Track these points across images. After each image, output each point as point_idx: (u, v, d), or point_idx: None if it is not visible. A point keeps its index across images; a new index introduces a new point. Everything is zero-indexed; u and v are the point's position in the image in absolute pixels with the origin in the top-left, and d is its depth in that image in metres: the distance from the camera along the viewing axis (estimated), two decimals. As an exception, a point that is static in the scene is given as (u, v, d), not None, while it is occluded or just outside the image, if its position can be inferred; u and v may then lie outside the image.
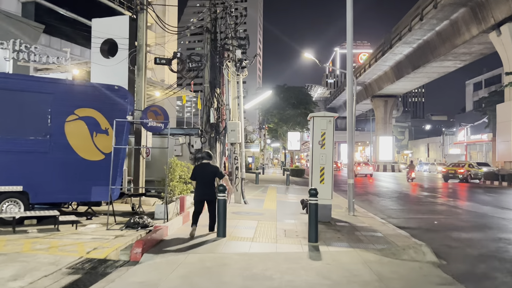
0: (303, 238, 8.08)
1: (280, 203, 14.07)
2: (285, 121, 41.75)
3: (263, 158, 59.72)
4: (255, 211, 11.78)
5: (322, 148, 10.53)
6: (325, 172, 10.50)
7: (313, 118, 10.64)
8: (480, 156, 63.92)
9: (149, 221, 8.68)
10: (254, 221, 9.96)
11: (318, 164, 10.50)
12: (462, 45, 32.53)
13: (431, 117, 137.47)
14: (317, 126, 10.55)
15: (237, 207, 12.65)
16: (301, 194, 17.75)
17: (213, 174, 8.15)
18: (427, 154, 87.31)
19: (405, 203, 16.83)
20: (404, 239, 8.45)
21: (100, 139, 9.24)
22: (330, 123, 10.54)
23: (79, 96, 9.02)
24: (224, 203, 7.84)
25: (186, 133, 14.78)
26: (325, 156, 10.50)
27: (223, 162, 14.43)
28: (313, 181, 10.52)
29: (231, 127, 13.17)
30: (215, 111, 14.00)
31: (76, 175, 8.99)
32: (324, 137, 10.55)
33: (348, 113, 12.16)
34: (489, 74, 67.16)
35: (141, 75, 12.64)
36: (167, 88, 15.35)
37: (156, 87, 25.19)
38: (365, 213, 12.48)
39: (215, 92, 14.00)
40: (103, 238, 7.53)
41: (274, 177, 32.77)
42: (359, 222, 10.46)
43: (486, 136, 58.84)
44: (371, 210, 13.94)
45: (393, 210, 14.52)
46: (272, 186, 22.01)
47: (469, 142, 67.61)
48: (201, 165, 8.29)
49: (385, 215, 13.12)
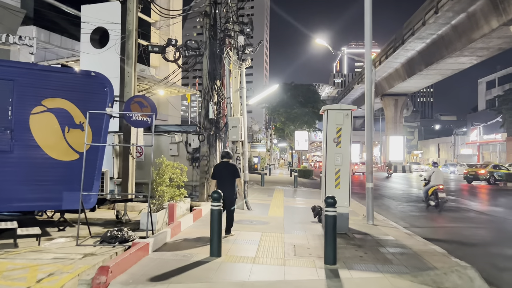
0: (317, 258, 6.51)
1: (288, 209, 12.50)
2: (292, 120, 40.15)
3: (270, 159, 58.11)
4: (259, 219, 10.23)
5: (338, 146, 8.96)
6: (341, 175, 8.92)
7: (327, 111, 9.07)
8: (493, 156, 61.95)
9: (130, 234, 7.15)
10: (258, 233, 8.41)
11: (333, 165, 8.93)
12: (480, 39, 30.72)
13: (440, 117, 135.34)
14: (331, 121, 8.98)
15: (239, 214, 11.09)
16: (310, 198, 16.16)
17: (232, 174, 8.03)
18: (437, 154, 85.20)
19: (425, 209, 15.18)
20: (442, 258, 6.85)
21: (74, 135, 7.72)
22: (347, 118, 8.97)
23: (48, 84, 7.50)
24: (218, 214, 6.30)
25: (183, 130, 13.26)
26: (341, 156, 8.92)
27: (223, 162, 12.90)
28: (327, 185, 8.95)
29: (232, 123, 11.63)
30: (215, 105, 12.47)
31: (43, 179, 7.48)
32: (340, 133, 8.97)
33: (367, 107, 10.56)
34: (503, 72, 64.93)
35: (131, 64, 11.12)
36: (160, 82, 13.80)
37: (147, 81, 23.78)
38: (385, 222, 10.88)
39: (215, 84, 12.47)
40: (67, 258, 6.02)
41: (281, 178, 31.18)
42: (381, 234, 8.86)
43: (500, 136, 56.89)
44: (389, 216, 12.35)
45: (415, 217, 12.90)
46: (279, 189, 20.44)
47: (482, 142, 65.68)
48: (221, 164, 8.25)
49: (407, 223, 11.53)
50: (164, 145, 13.27)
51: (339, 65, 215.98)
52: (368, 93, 10.59)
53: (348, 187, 8.93)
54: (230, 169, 8.08)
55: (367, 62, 10.75)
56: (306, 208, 12.73)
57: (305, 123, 40.10)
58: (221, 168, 8.13)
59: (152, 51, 11.70)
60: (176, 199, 9.18)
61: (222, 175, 7.96)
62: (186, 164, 12.92)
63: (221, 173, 8.00)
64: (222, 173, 7.99)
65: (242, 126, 11.69)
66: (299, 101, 39.62)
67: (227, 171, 8.02)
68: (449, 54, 36.20)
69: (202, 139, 12.15)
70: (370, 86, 10.65)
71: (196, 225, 9.14)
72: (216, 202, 6.24)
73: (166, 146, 13.21)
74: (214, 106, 12.44)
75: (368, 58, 10.75)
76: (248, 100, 23.33)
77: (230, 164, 8.27)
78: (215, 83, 12.45)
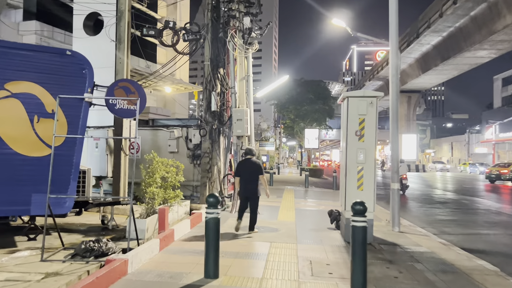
0: (340, 279, 5.15)
1: (300, 212, 11.13)
2: (302, 117, 38.75)
3: (279, 157, 56.70)
4: (267, 225, 8.87)
5: (361, 140, 7.57)
6: (364, 174, 7.54)
7: (348, 99, 7.68)
8: (509, 155, 59.89)
9: (110, 246, 5.84)
10: (266, 244, 7.05)
11: (355, 162, 7.55)
12: (502, 30, 28.95)
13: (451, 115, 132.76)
14: (353, 111, 7.60)
15: (245, 218, 9.76)
16: (323, 199, 14.77)
17: (257, 171, 7.89)
18: (450, 153, 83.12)
19: (452, 211, 13.71)
20: (497, 279, 5.45)
21: (45, 126, 6.43)
22: (371, 106, 7.58)
23: (11, 64, 6.20)
24: (214, 225, 4.94)
25: (183, 125, 11.95)
26: (364, 152, 7.54)
27: (228, 160, 11.57)
28: (348, 186, 7.56)
29: (237, 115, 10.28)
30: (218, 96, 11.14)
31: (7, 179, 6.20)
32: (364, 125, 7.59)
33: (392, 97, 9.13)
34: (520, 68, 62.88)
35: (123, 49, 9.83)
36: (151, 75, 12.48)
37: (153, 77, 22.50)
38: (412, 228, 9.47)
39: (218, 72, 11.14)
40: (22, 280, 4.72)
41: (291, 178, 29.77)
42: (412, 244, 7.46)
43: (517, 134, 54.93)
44: (414, 220, 10.94)
45: (444, 222, 11.47)
46: (289, 189, 19.05)
47: (497, 141, 63.57)
48: (245, 161, 8.10)
49: (436, 228, 10.12)
50: (162, 141, 11.98)
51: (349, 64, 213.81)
52: (393, 81, 9.16)
53: (373, 189, 7.54)
54: (254, 166, 7.93)
55: (392, 45, 9.33)
56: (320, 212, 11.36)
57: (315, 121, 38.74)
58: (245, 165, 7.99)
59: (148, 35, 10.39)
60: (171, 201, 7.87)
61: (246, 172, 7.86)
62: (186, 162, 11.63)
63: (245, 170, 7.89)
64: (246, 170, 7.88)
65: (248, 119, 10.34)
66: (309, 98, 38.23)
67: (251, 168, 7.89)
68: (467, 48, 34.44)
69: (203, 134, 10.82)
70: (395, 72, 9.23)
71: (193, 233, 7.81)
72: (212, 208, 4.89)
73: (164, 142, 11.92)
74: (217, 97, 11.10)
75: (393, 40, 9.32)
76: (255, 92, 21.98)
77: (254, 161, 8.11)
78: (218, 71, 11.12)
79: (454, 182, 32.08)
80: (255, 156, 8.29)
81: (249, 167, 7.93)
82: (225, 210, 10.81)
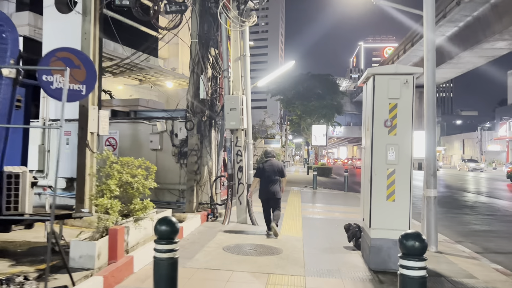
0: None
1: (308, 223, 9.16)
2: (309, 113, 36.80)
3: (284, 155, 54.70)
4: (266, 243, 6.90)
5: (392, 133, 5.58)
6: (396, 178, 5.55)
7: (374, 78, 5.67)
8: (525, 153, 57.55)
9: (29, 283, 3.92)
10: (262, 276, 5.07)
11: (383, 163, 5.57)
12: (527, 17, 26.77)
13: (460, 112, 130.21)
14: (381, 93, 5.61)
15: (238, 232, 7.82)
16: (334, 204, 12.78)
17: (279, 172, 7.72)
18: (462, 150, 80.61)
19: (486, 218, 11.68)
20: None
21: None
22: (407, 87, 5.58)
23: None
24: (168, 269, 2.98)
25: (168, 117, 10.00)
26: (397, 149, 5.55)
27: (221, 159, 9.60)
28: (374, 195, 5.58)
29: (230, 104, 8.31)
30: (208, 82, 9.19)
31: None
32: (396, 112, 5.59)
33: (428, 80, 7.11)
34: (536, 62, 60.29)
35: (89, 21, 7.85)
36: (123, 60, 10.41)
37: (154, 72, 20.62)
38: (451, 245, 7.49)
39: (209, 53, 9.18)
40: None
41: (297, 177, 27.77)
42: (462, 275, 5.46)
43: (535, 131, 52.55)
44: (446, 231, 8.99)
45: (482, 234, 9.49)
46: (295, 190, 17.07)
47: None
48: (267, 162, 7.86)
49: (477, 244, 8.20)
50: (144, 136, 10.05)
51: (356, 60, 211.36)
52: (429, 59, 7.15)
53: (408, 199, 5.55)
54: (276, 167, 7.76)
55: (427, 16, 7.32)
56: (332, 221, 9.40)
57: (323, 117, 36.81)
58: (267, 166, 7.76)
59: (121, 5, 8.42)
60: (138, 214, 5.92)
61: (267, 174, 7.66)
62: (172, 161, 9.70)
63: (267, 171, 7.68)
64: (267, 172, 7.68)
65: (244, 108, 8.36)
66: (317, 93, 36.32)
67: (273, 169, 7.69)
68: (486, 38, 32.16)
69: (190, 127, 8.87)
70: (432, 47, 7.22)
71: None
72: (164, 243, 2.93)
73: (146, 138, 9.99)
74: (208, 83, 9.15)
75: (429, 9, 7.30)
76: (258, 81, 19.94)
77: (276, 162, 7.97)
78: (208, 51, 9.17)
79: (469, 181, 29.92)
80: (275, 157, 8.06)
81: (271, 168, 7.70)
82: (216, 220, 8.86)
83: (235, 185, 8.69)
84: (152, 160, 9.96)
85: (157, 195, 9.88)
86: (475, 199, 17.48)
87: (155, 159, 9.91)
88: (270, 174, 7.66)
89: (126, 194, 6.02)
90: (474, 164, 51.40)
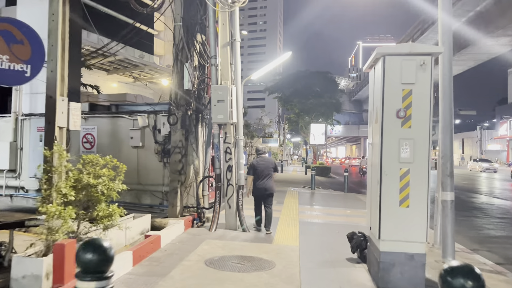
0: None
1: (305, 228, 8.21)
2: (307, 111, 35.93)
3: (282, 154, 53.76)
4: (256, 254, 5.94)
5: (405, 126, 4.65)
6: (411, 180, 4.61)
7: (384, 59, 4.72)
8: (525, 152, 56.75)
9: None
10: (248, 300, 4.14)
11: (396, 162, 4.63)
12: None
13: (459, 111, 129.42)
14: (392, 78, 4.67)
15: (226, 241, 6.86)
16: (333, 206, 11.84)
17: (272, 168, 7.77)
18: (461, 150, 79.84)
19: (500, 222, 10.75)
20: None
21: None
22: (424, 70, 4.63)
23: None
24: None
25: (150, 110, 9.03)
26: (412, 144, 4.62)
27: (209, 157, 8.64)
28: (384, 200, 4.64)
29: (217, 95, 7.35)
30: (195, 71, 8.23)
31: None
32: (411, 100, 4.65)
33: (443, 60, 6.13)
34: (537, 60, 59.35)
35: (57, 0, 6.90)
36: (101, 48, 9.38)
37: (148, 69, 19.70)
38: (468, 255, 6.56)
39: (195, 39, 8.23)
40: None
41: (295, 177, 26.82)
42: (491, 297, 4.53)
43: (536, 130, 51.71)
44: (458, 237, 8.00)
45: (499, 240, 8.65)
46: (292, 191, 16.12)
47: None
48: (260, 159, 7.83)
49: (496, 253, 7.35)
50: (124, 132, 9.08)
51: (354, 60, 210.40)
52: (445, 42, 6.18)
53: (426, 205, 4.61)
54: (269, 163, 7.83)
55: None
56: (332, 226, 8.46)
57: (322, 115, 35.90)
58: (260, 162, 7.76)
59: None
60: (104, 222, 4.97)
61: (261, 170, 7.66)
62: (154, 160, 8.75)
63: (260, 167, 7.68)
64: (261, 168, 7.67)
65: (233, 100, 7.40)
66: (315, 91, 35.40)
67: (267, 166, 7.72)
68: (488, 34, 31.32)
69: (173, 122, 7.91)
70: (448, 29, 6.25)
71: (133, 278, 4.88)
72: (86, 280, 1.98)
73: (126, 134, 9.02)
74: (195, 72, 8.20)
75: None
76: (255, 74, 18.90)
77: (268, 157, 8.19)
78: (194, 37, 8.22)
79: (470, 180, 29.03)
80: (265, 153, 8.19)
81: (264, 164, 7.71)
82: (203, 226, 7.90)
83: (224, 187, 7.74)
84: (133, 159, 9.04)
85: (139, 198, 8.94)
86: (483, 200, 16.57)
87: (136, 157, 8.97)
88: (263, 169, 7.64)
89: (90, 198, 5.08)
90: (487, 164, 46.39)
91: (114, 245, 5.26)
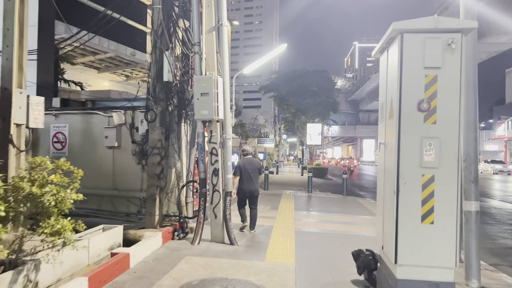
0: None
1: (303, 240, 7.22)
2: (304, 111, 35.13)
3: (278, 155, 52.75)
4: (243, 276, 4.95)
5: (429, 121, 3.68)
6: (436, 189, 3.65)
7: (402, 37, 3.75)
8: (523, 153, 56.08)
9: None
10: None
11: (417, 167, 3.67)
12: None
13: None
14: (412, 62, 3.71)
15: (210, 256, 5.87)
16: (333, 212, 10.85)
17: (258, 170, 7.83)
18: (458, 151, 79.11)
19: None
20: None
21: None
22: (452, 52, 3.68)
23: None
24: None
25: (127, 106, 8.02)
26: (437, 143, 3.65)
27: (193, 159, 7.63)
28: (401, 214, 3.67)
29: (201, 87, 6.36)
30: (178, 61, 7.25)
31: None
32: (436, 88, 3.69)
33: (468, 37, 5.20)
34: (536, 60, 58.72)
35: (13, -23, 5.91)
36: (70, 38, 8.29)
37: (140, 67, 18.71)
38: (494, 276, 5.60)
39: (177, 24, 7.24)
40: None
41: (291, 178, 25.83)
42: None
43: (533, 130, 51.02)
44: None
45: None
46: (288, 194, 15.14)
47: (510, 138, 59.86)
48: (245, 160, 7.84)
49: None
50: (99, 131, 8.06)
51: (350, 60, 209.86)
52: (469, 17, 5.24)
53: (455, 220, 3.64)
54: (256, 166, 7.83)
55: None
56: (333, 236, 7.49)
57: (318, 115, 35.08)
58: (246, 163, 7.72)
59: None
60: (53, 241, 3.98)
61: (247, 171, 7.63)
62: (132, 162, 7.74)
63: (246, 168, 7.64)
64: (247, 169, 7.65)
65: (219, 93, 6.41)
66: (311, 90, 34.61)
67: (253, 167, 7.72)
68: (489, 31, 30.51)
69: (151, 118, 6.91)
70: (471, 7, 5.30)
71: None
72: None
73: (100, 132, 8.01)
74: (177, 63, 7.21)
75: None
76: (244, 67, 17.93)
77: (254, 159, 8.11)
78: (176, 22, 7.23)
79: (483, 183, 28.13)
80: (252, 155, 8.09)
81: (250, 166, 7.72)
82: (186, 238, 6.91)
83: (209, 193, 6.75)
84: (108, 160, 8.02)
85: (114, 205, 7.93)
86: (491, 204, 15.65)
87: (112, 159, 7.96)
88: (249, 171, 7.66)
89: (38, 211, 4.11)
90: (500, 165, 42.99)
91: (70, 267, 4.27)
